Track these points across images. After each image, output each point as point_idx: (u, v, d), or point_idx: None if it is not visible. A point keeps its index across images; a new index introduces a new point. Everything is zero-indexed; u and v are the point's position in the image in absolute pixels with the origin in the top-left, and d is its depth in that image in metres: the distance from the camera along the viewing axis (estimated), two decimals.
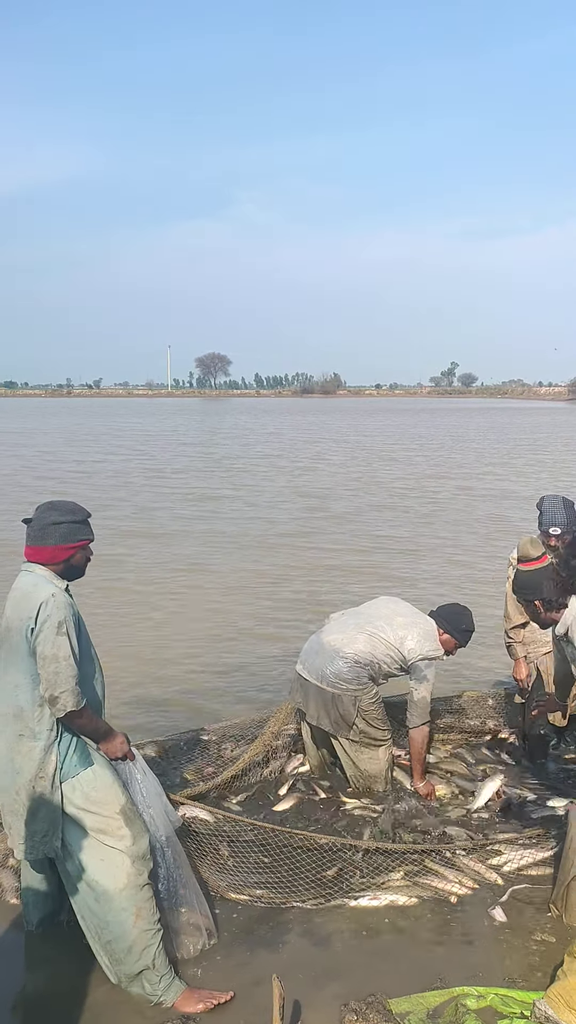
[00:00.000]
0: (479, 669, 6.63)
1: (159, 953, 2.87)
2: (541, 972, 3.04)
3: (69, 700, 2.80)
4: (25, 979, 3.12)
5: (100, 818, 2.87)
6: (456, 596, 8.66)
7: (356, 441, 34.50)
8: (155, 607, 8.71)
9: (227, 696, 6.19)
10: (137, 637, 7.64)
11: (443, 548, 11.92)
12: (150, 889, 2.91)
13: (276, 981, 2.64)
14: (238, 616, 8.37)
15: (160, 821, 3.11)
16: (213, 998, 2.87)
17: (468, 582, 9.71)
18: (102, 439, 35.26)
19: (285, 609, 8.63)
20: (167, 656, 7.11)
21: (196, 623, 8.13)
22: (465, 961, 3.11)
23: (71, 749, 2.89)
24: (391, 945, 3.23)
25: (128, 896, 2.85)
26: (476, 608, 4.67)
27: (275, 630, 7.87)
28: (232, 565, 10.76)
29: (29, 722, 2.87)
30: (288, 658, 6.34)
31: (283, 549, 11.82)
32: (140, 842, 2.90)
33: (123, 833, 2.88)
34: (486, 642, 6.24)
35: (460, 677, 6.39)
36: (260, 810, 4.22)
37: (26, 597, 2.87)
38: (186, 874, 3.17)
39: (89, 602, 7.48)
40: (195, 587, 9.62)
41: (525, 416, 62.20)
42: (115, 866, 2.86)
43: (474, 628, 4.43)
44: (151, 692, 6.13)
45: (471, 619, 4.45)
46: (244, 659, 7.06)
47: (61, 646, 2.80)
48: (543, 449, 30.55)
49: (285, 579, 9.99)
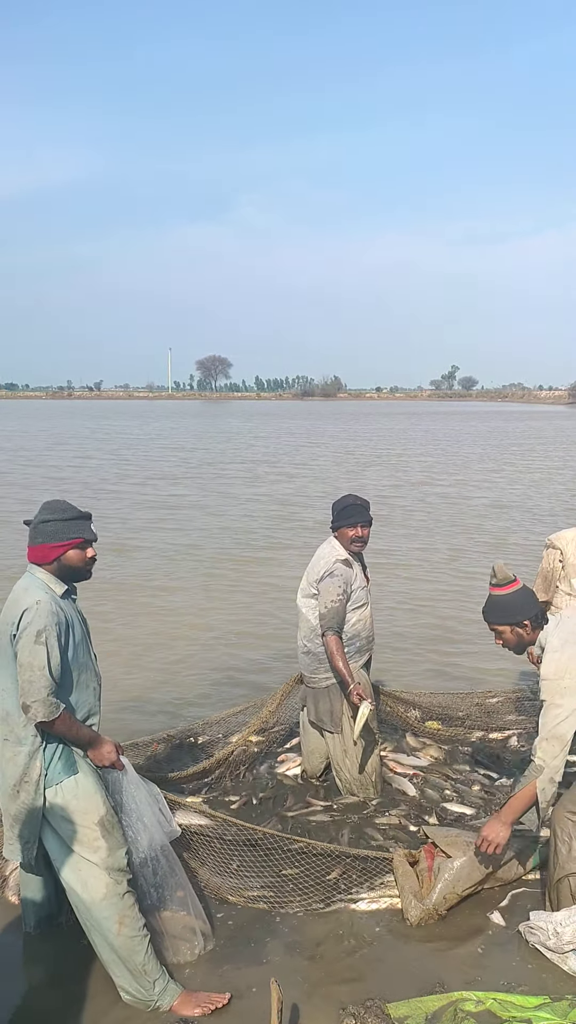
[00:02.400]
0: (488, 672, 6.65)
1: (149, 958, 2.86)
2: (540, 977, 3.04)
3: (40, 710, 2.77)
4: (23, 982, 3.11)
5: (79, 828, 2.86)
6: (422, 614, 8.65)
7: (341, 445, 33.97)
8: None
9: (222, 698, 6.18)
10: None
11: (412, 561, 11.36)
12: (132, 896, 2.89)
13: (275, 985, 2.63)
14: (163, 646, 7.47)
15: (154, 830, 3.08)
16: (210, 1001, 2.86)
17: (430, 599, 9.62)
18: (85, 443, 34.50)
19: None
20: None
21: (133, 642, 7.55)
22: (464, 965, 3.11)
23: (56, 756, 2.88)
24: (390, 949, 3.22)
25: (109, 906, 2.84)
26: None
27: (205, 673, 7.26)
28: (162, 582, 9.82)
29: (15, 727, 2.86)
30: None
31: (228, 566, 10.77)
32: (116, 854, 2.88)
33: (99, 845, 2.86)
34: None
35: (474, 679, 6.39)
36: (256, 811, 4.21)
37: (14, 602, 2.88)
38: (182, 879, 3.16)
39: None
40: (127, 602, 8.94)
41: (524, 421, 62.08)
42: (93, 877, 2.85)
43: (353, 502, 4.27)
44: (147, 694, 6.13)
45: (342, 500, 4.32)
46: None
47: (37, 655, 2.78)
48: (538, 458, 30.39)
49: (228, 601, 9.10)
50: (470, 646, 7.38)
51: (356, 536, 4.24)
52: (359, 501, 4.29)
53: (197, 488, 19.55)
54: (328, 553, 4.24)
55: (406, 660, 7.04)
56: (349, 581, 4.16)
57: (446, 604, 8.92)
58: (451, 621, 8.24)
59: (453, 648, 7.42)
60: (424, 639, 7.66)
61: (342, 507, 4.27)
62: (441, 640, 7.66)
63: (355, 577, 4.22)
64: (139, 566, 10.72)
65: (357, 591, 4.21)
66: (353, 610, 4.20)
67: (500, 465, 25.85)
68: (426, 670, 6.82)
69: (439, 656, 7.19)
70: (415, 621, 8.27)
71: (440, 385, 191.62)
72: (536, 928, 3.17)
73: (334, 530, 4.29)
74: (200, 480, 21.18)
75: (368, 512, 4.29)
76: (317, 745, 4.48)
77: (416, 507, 16.34)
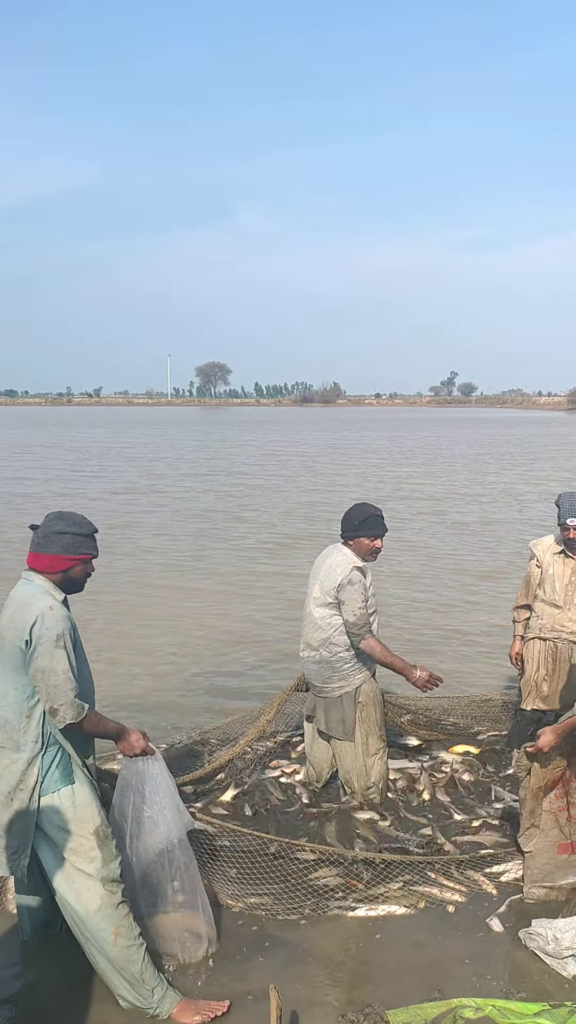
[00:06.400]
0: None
1: (146, 967, 2.85)
2: (540, 983, 3.03)
3: (68, 712, 2.79)
4: (21, 990, 3.08)
5: (74, 838, 2.84)
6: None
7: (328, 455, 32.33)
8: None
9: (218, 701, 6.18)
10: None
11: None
12: (126, 907, 2.88)
13: (274, 991, 2.63)
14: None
15: (173, 822, 3.07)
16: (210, 1009, 2.85)
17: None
18: (49, 452, 32.94)
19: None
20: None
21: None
22: (463, 972, 3.10)
23: (54, 764, 2.87)
24: (389, 956, 3.21)
25: (104, 916, 2.83)
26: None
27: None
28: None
29: (13, 734, 2.85)
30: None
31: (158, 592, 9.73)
32: (110, 865, 2.87)
33: (94, 855, 2.85)
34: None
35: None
36: (259, 819, 4.21)
37: (22, 608, 2.86)
38: (195, 879, 3.15)
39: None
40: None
41: (523, 428, 62.08)
42: (87, 889, 2.83)
43: (375, 513, 4.25)
44: (141, 703, 6.13)
45: (362, 509, 4.27)
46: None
47: (59, 659, 2.79)
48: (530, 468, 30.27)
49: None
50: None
51: (376, 548, 4.27)
52: (378, 512, 4.28)
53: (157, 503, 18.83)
54: (343, 561, 4.20)
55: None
56: (367, 587, 4.19)
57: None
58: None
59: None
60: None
61: (363, 517, 4.23)
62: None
63: (370, 584, 4.24)
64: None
65: (371, 598, 4.23)
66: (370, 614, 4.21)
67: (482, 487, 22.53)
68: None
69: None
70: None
71: (439, 391, 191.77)
72: (535, 934, 3.17)
73: (350, 539, 4.25)
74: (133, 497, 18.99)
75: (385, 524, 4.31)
76: (325, 755, 4.48)
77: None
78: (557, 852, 3.53)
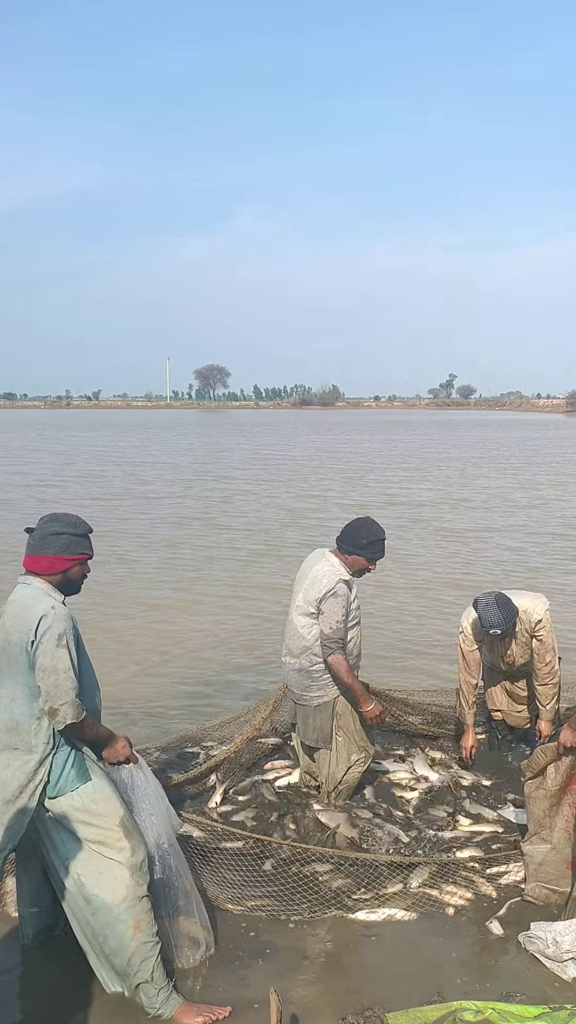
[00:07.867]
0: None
1: (157, 966, 2.87)
2: (539, 986, 3.04)
3: (69, 712, 2.80)
4: (21, 993, 3.09)
5: (100, 830, 2.86)
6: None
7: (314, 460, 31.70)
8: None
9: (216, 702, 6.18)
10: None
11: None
12: (148, 901, 2.90)
13: (274, 995, 2.63)
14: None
15: (163, 827, 3.09)
16: (211, 1013, 2.86)
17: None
18: (27, 455, 32.84)
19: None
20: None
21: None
22: (463, 975, 3.11)
23: (69, 763, 2.88)
24: (388, 959, 3.22)
25: (127, 908, 2.84)
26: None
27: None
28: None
29: (25, 735, 2.86)
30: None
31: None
32: (139, 853, 2.90)
33: (123, 845, 2.87)
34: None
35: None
36: (255, 820, 4.21)
37: (26, 609, 2.87)
38: (188, 883, 3.16)
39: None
40: None
41: (522, 430, 62.06)
42: (114, 879, 2.85)
43: (382, 537, 4.22)
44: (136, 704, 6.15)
45: (371, 529, 4.20)
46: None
47: (61, 658, 2.80)
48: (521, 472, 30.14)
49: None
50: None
51: (371, 570, 4.27)
52: (384, 536, 4.25)
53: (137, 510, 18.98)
54: (330, 572, 4.17)
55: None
56: (350, 600, 4.17)
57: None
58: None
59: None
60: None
61: (372, 540, 4.18)
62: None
63: (354, 597, 4.22)
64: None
65: (354, 611, 4.21)
66: (348, 629, 4.19)
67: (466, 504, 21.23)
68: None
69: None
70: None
71: (438, 394, 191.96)
72: (535, 937, 3.18)
73: (347, 553, 4.20)
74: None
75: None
76: (309, 764, 4.49)
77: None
78: (566, 868, 3.53)
